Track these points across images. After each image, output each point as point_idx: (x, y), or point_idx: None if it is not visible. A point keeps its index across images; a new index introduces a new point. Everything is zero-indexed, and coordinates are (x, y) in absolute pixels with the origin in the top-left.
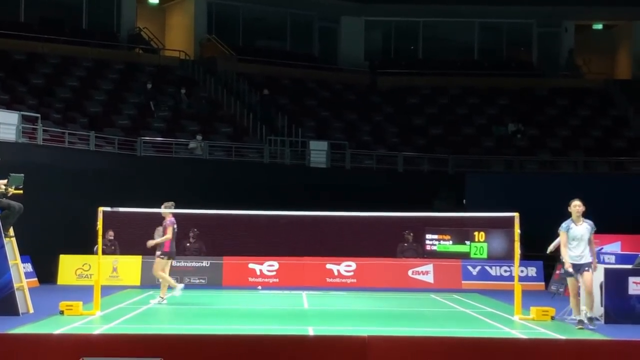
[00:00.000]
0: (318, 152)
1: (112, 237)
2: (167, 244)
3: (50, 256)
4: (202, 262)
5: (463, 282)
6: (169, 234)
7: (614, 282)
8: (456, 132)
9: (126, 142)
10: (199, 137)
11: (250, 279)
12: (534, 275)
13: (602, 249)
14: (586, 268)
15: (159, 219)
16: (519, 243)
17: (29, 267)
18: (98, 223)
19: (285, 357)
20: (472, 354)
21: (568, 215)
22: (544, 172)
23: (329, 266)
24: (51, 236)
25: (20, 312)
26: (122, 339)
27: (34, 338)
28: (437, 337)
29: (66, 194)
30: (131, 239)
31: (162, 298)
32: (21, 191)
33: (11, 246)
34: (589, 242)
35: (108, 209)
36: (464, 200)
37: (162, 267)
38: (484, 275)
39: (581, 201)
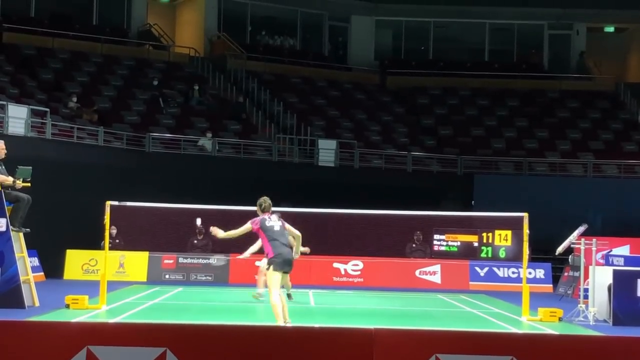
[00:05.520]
0: (327, 151)
1: (114, 232)
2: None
3: (57, 251)
4: (209, 259)
5: (470, 283)
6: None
7: (623, 284)
8: (466, 133)
9: (135, 138)
10: (209, 135)
11: (257, 277)
12: (542, 277)
13: (610, 251)
14: None
15: (165, 215)
16: (527, 243)
17: (35, 261)
18: (105, 217)
19: (290, 348)
20: (479, 348)
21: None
22: (554, 174)
23: (336, 265)
24: (58, 231)
25: (26, 305)
26: (128, 328)
27: (40, 326)
28: (444, 331)
29: (74, 189)
30: (138, 235)
31: None
32: (29, 184)
33: (18, 239)
34: None
35: (115, 203)
36: (472, 202)
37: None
38: (491, 276)
39: None
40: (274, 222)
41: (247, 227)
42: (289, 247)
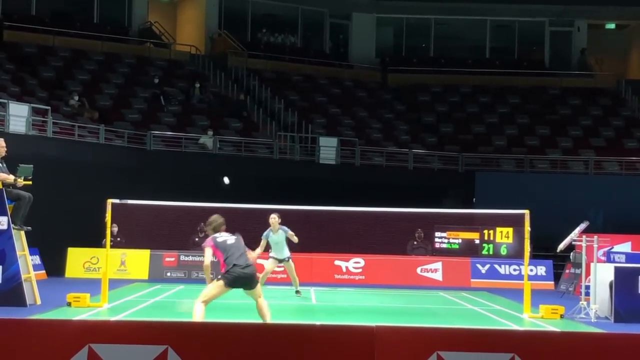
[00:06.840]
0: (328, 148)
1: (116, 230)
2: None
3: (59, 249)
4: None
5: (472, 280)
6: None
7: (624, 281)
8: (467, 130)
9: (136, 136)
10: (210, 133)
11: (258, 274)
12: (543, 274)
13: (612, 248)
14: None
15: (166, 213)
16: (528, 241)
17: (37, 259)
18: (106, 215)
19: (292, 346)
20: (481, 345)
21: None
22: (555, 171)
23: (337, 262)
24: (59, 229)
25: (27, 303)
26: (129, 326)
27: (41, 324)
28: (446, 329)
29: (75, 187)
30: (140, 233)
31: None
32: (30, 182)
33: (19, 237)
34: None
35: (117, 201)
36: (474, 199)
37: None
38: (493, 273)
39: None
40: (226, 236)
41: (208, 253)
42: (248, 262)
